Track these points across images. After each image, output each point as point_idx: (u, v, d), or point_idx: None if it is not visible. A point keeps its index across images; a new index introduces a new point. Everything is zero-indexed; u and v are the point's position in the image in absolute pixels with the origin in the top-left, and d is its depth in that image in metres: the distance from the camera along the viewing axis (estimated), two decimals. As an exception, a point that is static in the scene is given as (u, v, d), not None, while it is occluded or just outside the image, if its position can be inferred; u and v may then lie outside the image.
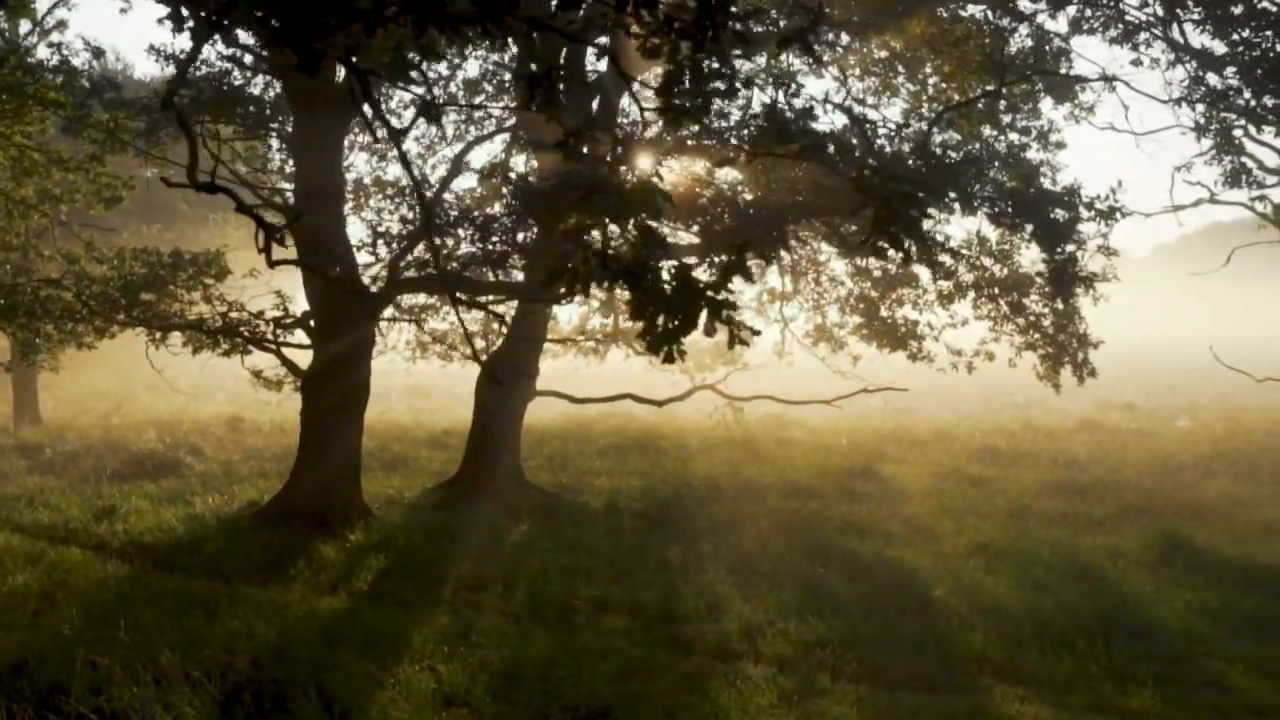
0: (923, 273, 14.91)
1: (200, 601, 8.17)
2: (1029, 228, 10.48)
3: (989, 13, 14.92)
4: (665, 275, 3.07)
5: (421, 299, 16.93)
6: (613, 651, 7.19)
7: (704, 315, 3.04)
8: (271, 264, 5.52)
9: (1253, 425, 20.18)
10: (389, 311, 17.69)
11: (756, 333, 3.71)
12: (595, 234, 3.41)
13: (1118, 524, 11.96)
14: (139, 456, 15.76)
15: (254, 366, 13.61)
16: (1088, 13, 12.82)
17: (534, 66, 3.15)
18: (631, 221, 3.15)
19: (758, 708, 6.26)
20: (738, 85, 3.33)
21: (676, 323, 2.97)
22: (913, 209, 3.33)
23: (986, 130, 16.04)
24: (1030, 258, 14.27)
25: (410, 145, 23.66)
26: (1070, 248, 10.57)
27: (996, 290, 13.82)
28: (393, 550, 10.37)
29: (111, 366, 31.08)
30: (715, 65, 3.44)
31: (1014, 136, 15.80)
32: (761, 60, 17.06)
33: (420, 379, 27.79)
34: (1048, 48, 15.18)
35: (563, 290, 3.17)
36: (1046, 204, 10.08)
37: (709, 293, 3.03)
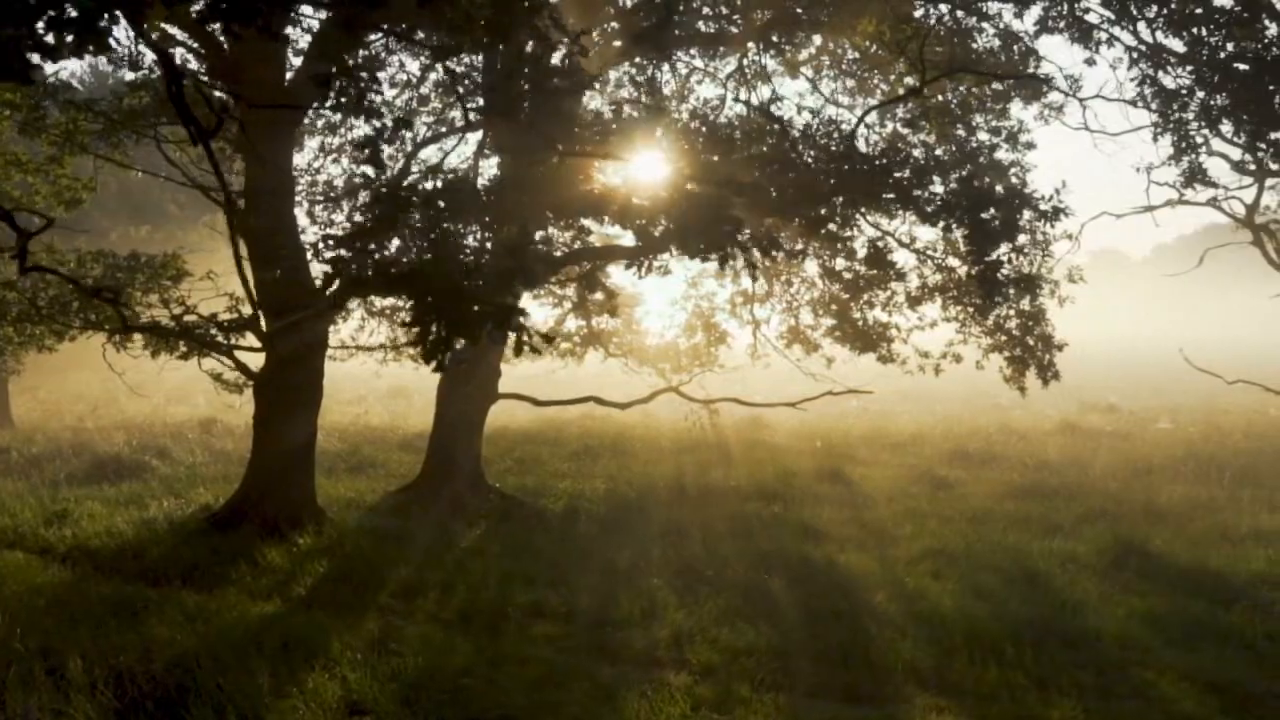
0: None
1: (128, 607, 8.09)
2: (961, 229, 10.35)
3: (955, 12, 14.86)
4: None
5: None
6: (533, 659, 7.10)
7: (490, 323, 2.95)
8: (24, 270, 5.45)
9: (1231, 427, 20.02)
10: (359, 313, 17.76)
11: (549, 339, 3.60)
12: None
13: (1077, 528, 11.83)
14: (104, 459, 15.70)
15: (213, 370, 13.54)
16: (1053, 11, 12.69)
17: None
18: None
19: (669, 718, 6.16)
20: (580, 83, 3.23)
21: (448, 331, 2.88)
22: (725, 213, 3.22)
23: (961, 131, 16.02)
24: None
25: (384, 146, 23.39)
26: (1004, 249, 10.44)
27: (959, 292, 13.73)
28: (338, 555, 10.28)
29: (95, 369, 31.05)
30: (554, 63, 3.35)
31: (983, 136, 15.76)
32: (733, 62, 17.06)
33: (403, 381, 27.75)
34: (1016, 47, 15.12)
35: (337, 297, 3.08)
36: (983, 204, 9.95)
37: (496, 299, 2.94)
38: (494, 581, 9.20)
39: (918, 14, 13.59)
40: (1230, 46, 9.74)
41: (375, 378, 20.99)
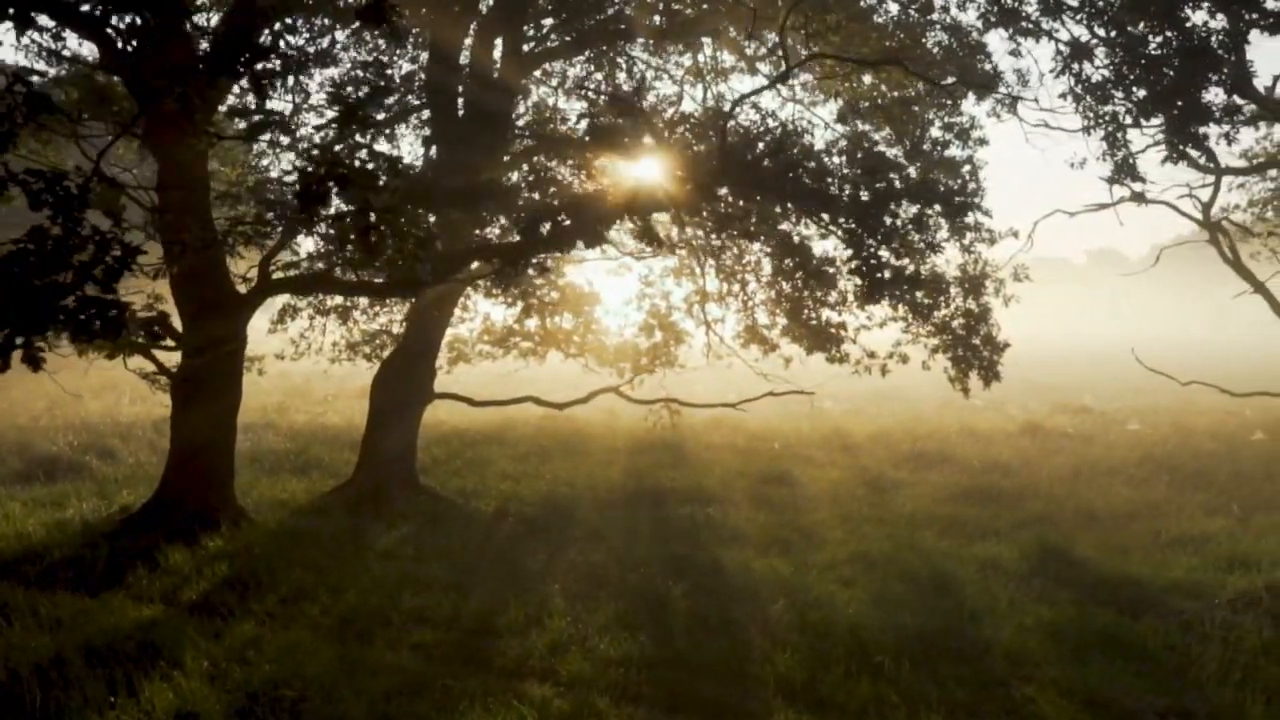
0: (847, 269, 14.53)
1: (2, 612, 7.91)
2: (845, 224, 10.01)
3: (908, 10, 14.60)
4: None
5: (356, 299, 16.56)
6: (391, 668, 6.87)
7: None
8: None
9: (1197, 429, 19.65)
10: (308, 310, 17.53)
11: (156, 337, 3.37)
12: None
13: (1012, 532, 11.55)
14: (43, 459, 15.55)
15: (140, 368, 13.33)
16: (994, 4, 12.41)
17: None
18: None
19: (510, 732, 5.93)
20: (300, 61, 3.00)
21: (16, 328, 2.66)
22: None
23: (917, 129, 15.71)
24: (946, 257, 13.91)
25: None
26: (883, 243, 10.10)
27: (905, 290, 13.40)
28: (244, 558, 10.07)
29: (71, 368, 30.91)
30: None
31: (935, 133, 15.47)
32: (688, 58, 16.82)
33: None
34: (969, 42, 14.83)
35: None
36: (887, 199, 9.62)
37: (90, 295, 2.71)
38: (389, 586, 8.97)
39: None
40: (1157, 39, 9.45)
41: (334, 377, 20.70)
